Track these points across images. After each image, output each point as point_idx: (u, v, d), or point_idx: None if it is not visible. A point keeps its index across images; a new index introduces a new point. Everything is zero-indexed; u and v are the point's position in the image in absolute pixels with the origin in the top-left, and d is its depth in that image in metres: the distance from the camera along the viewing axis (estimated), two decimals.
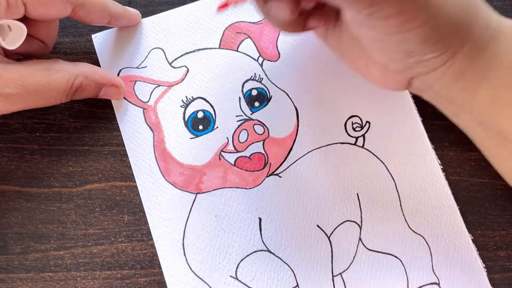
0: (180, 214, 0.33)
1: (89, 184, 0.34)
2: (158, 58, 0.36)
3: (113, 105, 0.35)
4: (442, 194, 0.34)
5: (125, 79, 0.35)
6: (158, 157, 0.34)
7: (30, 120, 0.35)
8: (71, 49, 0.36)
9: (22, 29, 0.29)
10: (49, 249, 0.33)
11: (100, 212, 0.34)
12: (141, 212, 0.34)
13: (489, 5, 0.25)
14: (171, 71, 0.35)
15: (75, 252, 0.33)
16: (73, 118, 0.35)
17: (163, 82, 0.35)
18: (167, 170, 0.34)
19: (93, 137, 0.35)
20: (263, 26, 0.36)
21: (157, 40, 0.36)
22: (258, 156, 0.34)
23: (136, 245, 0.33)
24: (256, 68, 0.35)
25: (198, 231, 0.33)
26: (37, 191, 0.34)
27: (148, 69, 0.35)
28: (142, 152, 0.34)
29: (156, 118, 0.35)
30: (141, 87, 0.35)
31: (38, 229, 0.34)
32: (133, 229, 0.34)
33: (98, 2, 0.32)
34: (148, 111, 0.35)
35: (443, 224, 0.33)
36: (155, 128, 0.35)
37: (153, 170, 0.34)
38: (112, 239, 0.34)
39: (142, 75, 0.35)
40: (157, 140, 0.35)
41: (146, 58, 0.36)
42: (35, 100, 0.30)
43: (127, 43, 0.36)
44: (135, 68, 0.35)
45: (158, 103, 0.35)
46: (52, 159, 0.35)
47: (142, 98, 0.35)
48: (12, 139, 0.35)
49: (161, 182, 0.34)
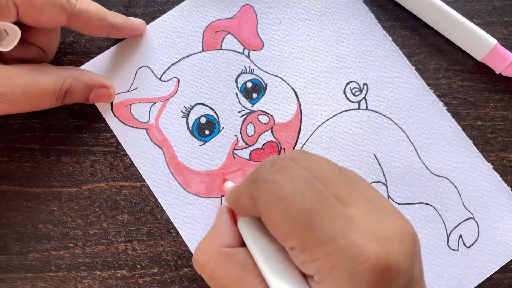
0: (211, 221, 0.33)
1: (89, 184, 0.34)
2: (146, 76, 0.36)
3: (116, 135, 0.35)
4: (453, 131, 0.35)
5: (119, 105, 0.35)
6: (174, 171, 0.34)
7: (30, 120, 0.35)
8: (71, 49, 0.36)
9: (16, 32, 0.29)
10: (49, 249, 0.33)
11: (100, 212, 0.34)
12: (141, 212, 0.34)
13: (489, 5, 0.25)
14: (162, 85, 0.35)
15: (75, 252, 0.33)
16: (73, 118, 0.35)
17: (158, 98, 0.35)
18: (187, 182, 0.34)
19: (93, 137, 0.35)
20: (239, 19, 0.36)
21: (140, 59, 0.36)
22: (271, 145, 0.34)
23: (136, 245, 0.33)
24: (245, 61, 0.35)
25: None
26: (37, 191, 0.34)
27: (140, 90, 0.35)
28: (157, 172, 0.34)
29: (161, 135, 0.35)
30: (138, 109, 0.35)
31: (38, 229, 0.34)
32: (133, 229, 0.34)
33: (95, 11, 0.31)
34: (151, 130, 0.35)
35: (462, 162, 0.34)
36: (163, 144, 0.35)
37: (173, 186, 0.34)
38: (112, 239, 0.33)
39: (135, 97, 0.35)
40: (168, 156, 0.34)
41: (134, 80, 0.35)
42: (23, 102, 0.29)
43: (112, 69, 0.36)
44: (126, 92, 0.35)
45: (159, 119, 0.35)
46: (52, 159, 0.34)
47: (142, 119, 0.35)
48: (13, 139, 0.35)
49: (184, 195, 0.34)
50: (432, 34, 0.36)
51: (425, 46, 0.36)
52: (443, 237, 0.33)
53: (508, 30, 0.36)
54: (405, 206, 0.33)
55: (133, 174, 0.34)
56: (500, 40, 0.34)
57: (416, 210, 0.33)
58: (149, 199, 0.34)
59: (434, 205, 0.33)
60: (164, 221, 0.33)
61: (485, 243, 0.33)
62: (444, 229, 0.33)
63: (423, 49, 0.36)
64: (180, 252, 0.33)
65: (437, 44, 0.36)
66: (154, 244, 0.33)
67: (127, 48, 0.36)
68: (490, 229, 0.33)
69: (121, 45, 0.36)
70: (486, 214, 0.33)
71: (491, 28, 0.36)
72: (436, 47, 0.36)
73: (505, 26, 0.36)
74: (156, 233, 0.33)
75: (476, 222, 0.33)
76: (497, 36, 0.35)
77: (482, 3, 0.36)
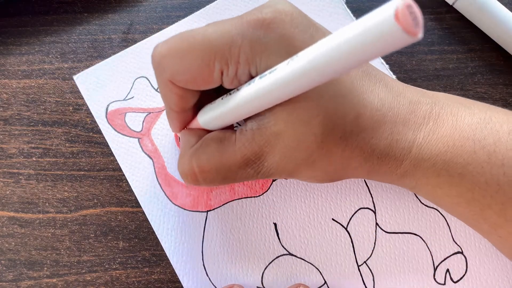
0: (195, 235, 0.33)
1: (85, 209, 0.34)
2: (143, 86, 0.35)
3: (107, 142, 0.34)
4: None
5: (114, 112, 0.35)
6: (162, 183, 0.34)
7: (27, 145, 0.35)
8: (69, 74, 0.36)
9: None
10: (42, 276, 0.33)
11: (95, 238, 0.33)
12: (136, 238, 0.33)
13: None
14: (158, 96, 0.35)
15: (68, 279, 0.33)
16: (70, 143, 0.35)
17: (153, 109, 0.35)
18: (174, 194, 0.34)
19: (89, 162, 0.35)
20: None
21: (139, 69, 0.35)
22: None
23: (131, 272, 0.33)
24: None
25: (216, 249, 0.33)
26: (31, 216, 0.34)
27: (136, 99, 0.35)
28: (145, 181, 0.34)
29: (152, 145, 0.34)
30: (132, 118, 0.35)
31: (32, 255, 0.33)
32: (127, 256, 0.33)
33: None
34: (143, 140, 0.35)
35: None
36: (153, 155, 0.34)
37: (159, 197, 0.34)
38: (107, 266, 0.33)
39: (131, 106, 0.35)
40: (157, 167, 0.34)
41: (131, 89, 0.35)
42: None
43: (110, 78, 0.35)
44: (122, 100, 0.35)
45: (151, 130, 0.35)
46: (47, 184, 0.34)
47: (135, 128, 0.35)
48: (8, 164, 0.34)
49: (169, 207, 0.34)
50: (428, 60, 0.36)
51: (421, 71, 0.36)
52: (430, 269, 0.33)
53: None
54: (392, 235, 0.33)
55: (129, 199, 0.34)
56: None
57: (403, 239, 0.33)
58: (144, 225, 0.33)
59: (423, 236, 0.33)
60: (159, 248, 0.33)
61: (472, 279, 0.33)
62: (431, 261, 0.33)
63: (420, 74, 0.36)
64: (175, 280, 0.33)
65: (433, 69, 0.36)
66: (149, 271, 0.33)
67: (127, 58, 0.36)
68: (479, 265, 0.33)
69: (122, 54, 0.36)
70: (475, 250, 0.33)
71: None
72: (432, 72, 0.36)
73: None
74: (151, 260, 0.33)
75: (464, 257, 0.33)
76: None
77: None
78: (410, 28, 0.15)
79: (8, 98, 0.35)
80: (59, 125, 0.35)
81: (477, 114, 0.26)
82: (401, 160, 0.26)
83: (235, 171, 0.26)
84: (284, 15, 0.23)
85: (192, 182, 0.27)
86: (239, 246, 0.33)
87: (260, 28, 0.23)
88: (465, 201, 0.26)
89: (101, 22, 0.37)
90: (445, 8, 0.37)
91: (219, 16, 0.37)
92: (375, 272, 0.33)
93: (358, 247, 0.33)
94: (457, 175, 0.25)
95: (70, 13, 0.37)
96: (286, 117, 0.23)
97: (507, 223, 0.25)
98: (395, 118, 0.25)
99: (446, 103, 0.27)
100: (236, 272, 0.33)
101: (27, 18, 0.37)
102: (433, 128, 0.26)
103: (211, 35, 0.23)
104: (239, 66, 0.23)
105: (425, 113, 0.26)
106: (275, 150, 0.24)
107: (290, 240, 0.33)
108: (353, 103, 0.24)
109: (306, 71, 0.19)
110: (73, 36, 0.37)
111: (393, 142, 0.25)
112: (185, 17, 0.37)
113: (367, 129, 0.25)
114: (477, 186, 0.25)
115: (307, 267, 0.33)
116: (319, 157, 0.25)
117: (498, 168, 0.24)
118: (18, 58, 0.36)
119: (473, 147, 0.25)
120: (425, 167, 0.26)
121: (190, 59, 0.24)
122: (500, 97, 0.35)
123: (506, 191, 0.24)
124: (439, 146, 0.25)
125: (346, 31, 0.17)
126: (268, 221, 0.33)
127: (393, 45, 0.16)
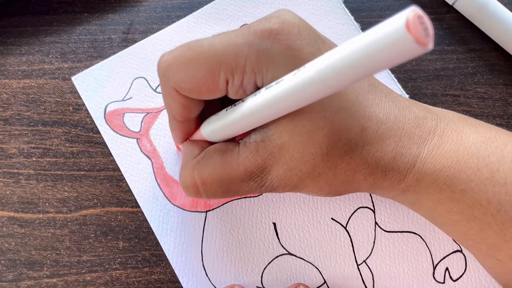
0: (194, 235, 0.33)
1: (84, 209, 0.34)
2: (142, 87, 0.35)
3: (106, 142, 0.35)
4: None
5: (113, 113, 0.35)
6: (161, 183, 0.34)
7: (27, 145, 0.35)
8: (69, 74, 0.36)
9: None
10: (42, 276, 0.33)
11: (95, 238, 0.33)
12: (136, 238, 0.33)
13: None
14: (157, 97, 0.35)
15: (68, 279, 0.33)
16: (70, 143, 0.35)
17: (151, 109, 0.35)
18: (172, 194, 0.34)
19: (89, 162, 0.35)
20: None
21: (137, 70, 0.35)
22: None
23: (131, 272, 0.33)
24: None
25: (216, 249, 0.33)
26: (31, 216, 0.34)
27: (134, 99, 0.35)
28: (144, 182, 0.34)
29: (151, 146, 0.34)
30: (131, 118, 0.35)
31: (32, 255, 0.33)
32: (127, 256, 0.33)
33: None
34: (141, 140, 0.35)
35: None
36: (152, 155, 0.34)
37: (158, 197, 0.34)
38: (106, 266, 0.33)
39: (129, 106, 0.35)
40: (156, 167, 0.34)
41: (130, 89, 0.35)
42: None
43: (108, 78, 0.35)
44: (121, 101, 0.35)
45: (150, 130, 0.35)
46: (47, 184, 0.34)
47: (133, 129, 0.35)
48: (8, 164, 0.34)
49: (168, 207, 0.34)
50: (428, 60, 0.36)
51: (421, 71, 0.36)
52: (429, 268, 0.33)
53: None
54: (392, 234, 0.33)
55: (129, 199, 0.34)
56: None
57: (402, 238, 0.33)
58: (144, 225, 0.33)
59: (422, 235, 0.33)
60: (159, 248, 0.33)
61: (472, 277, 0.33)
62: (430, 260, 0.33)
63: (420, 74, 0.36)
64: (175, 280, 0.33)
65: (433, 69, 0.36)
66: (149, 271, 0.33)
67: (125, 58, 0.36)
68: (478, 264, 0.33)
69: (120, 55, 0.36)
70: None
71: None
72: (432, 72, 0.36)
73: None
74: (151, 260, 0.33)
75: (463, 255, 0.33)
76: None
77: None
78: (421, 39, 0.15)
79: (8, 98, 0.35)
80: (59, 125, 0.35)
81: (482, 133, 0.26)
82: (405, 174, 0.26)
83: (237, 184, 0.26)
84: (292, 26, 0.23)
85: (193, 195, 0.27)
86: (238, 246, 0.33)
87: (268, 39, 0.23)
88: (465, 219, 0.26)
89: (101, 22, 0.37)
90: (445, 8, 0.37)
91: (218, 15, 0.37)
92: (374, 271, 0.33)
93: (358, 246, 0.33)
94: (459, 191, 0.25)
95: (70, 13, 0.37)
96: (291, 129, 0.23)
97: (505, 244, 0.25)
98: (400, 131, 0.25)
99: (452, 120, 0.27)
100: (236, 272, 0.33)
101: (27, 18, 0.37)
102: (437, 143, 0.26)
103: (217, 44, 0.23)
104: (244, 75, 0.23)
105: (431, 128, 0.26)
106: (279, 163, 0.24)
107: (289, 240, 0.33)
108: (358, 116, 0.24)
109: (314, 82, 0.19)
110: (73, 36, 0.37)
111: (397, 155, 0.25)
112: (185, 17, 0.37)
113: (372, 142, 0.25)
114: (478, 203, 0.25)
115: (306, 266, 0.33)
116: (324, 169, 0.25)
117: (501, 187, 0.24)
118: (18, 58, 0.36)
119: (476, 164, 0.25)
120: (428, 182, 0.26)
121: (195, 67, 0.24)
122: (500, 97, 0.35)
123: (507, 211, 0.24)
124: (443, 161, 0.25)
125: (356, 41, 0.17)
126: (268, 221, 0.33)
127: (403, 55, 0.15)
